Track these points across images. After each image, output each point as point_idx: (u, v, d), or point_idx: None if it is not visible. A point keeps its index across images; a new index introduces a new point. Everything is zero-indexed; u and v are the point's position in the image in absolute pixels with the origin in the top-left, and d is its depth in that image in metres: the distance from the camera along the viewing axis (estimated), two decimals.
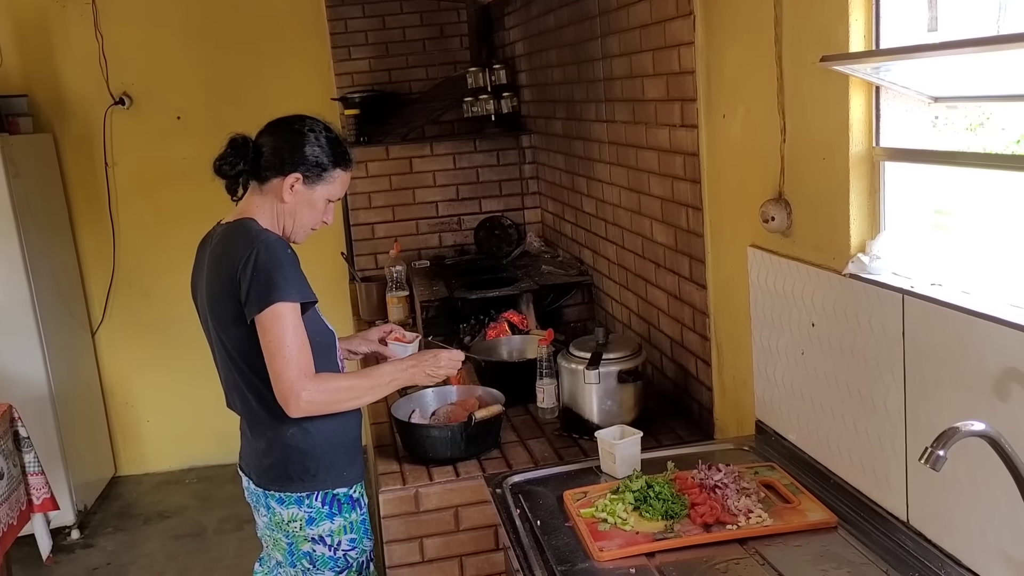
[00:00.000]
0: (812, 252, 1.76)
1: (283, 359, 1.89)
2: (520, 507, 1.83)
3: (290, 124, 2.04)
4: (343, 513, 2.07)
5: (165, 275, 4.64)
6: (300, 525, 2.06)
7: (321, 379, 1.94)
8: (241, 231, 1.99)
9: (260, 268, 1.89)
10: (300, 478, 2.04)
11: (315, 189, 2.02)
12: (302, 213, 2.04)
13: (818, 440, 1.81)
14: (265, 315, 1.89)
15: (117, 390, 4.77)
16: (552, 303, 3.34)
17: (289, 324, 1.89)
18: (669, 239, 2.49)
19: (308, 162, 2.00)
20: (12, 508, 2.80)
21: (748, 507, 1.68)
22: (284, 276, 1.90)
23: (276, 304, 1.88)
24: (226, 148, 2.03)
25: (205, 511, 4.33)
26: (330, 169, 2.03)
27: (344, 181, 2.08)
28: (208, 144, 4.88)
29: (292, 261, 1.95)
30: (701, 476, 1.78)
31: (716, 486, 1.74)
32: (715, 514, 1.67)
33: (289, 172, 1.99)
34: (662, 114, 2.43)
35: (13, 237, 3.91)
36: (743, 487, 1.74)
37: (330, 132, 2.06)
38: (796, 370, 1.86)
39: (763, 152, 1.91)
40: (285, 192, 2.00)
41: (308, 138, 2.01)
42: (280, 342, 1.89)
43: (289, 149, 2.00)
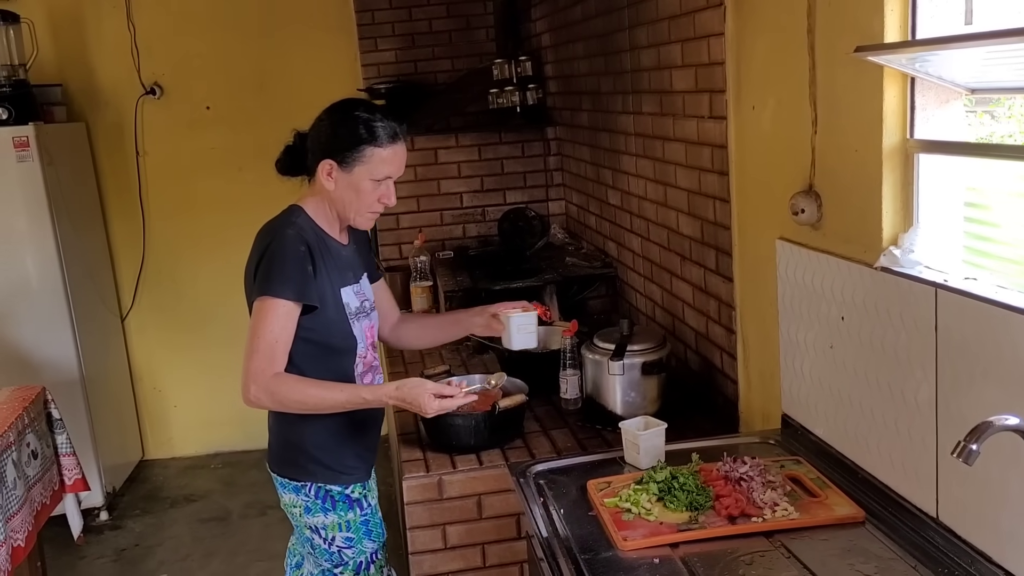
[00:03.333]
0: (843, 245, 1.75)
1: (248, 350, 1.91)
2: (543, 496, 1.83)
3: (327, 111, 2.04)
4: (337, 510, 2.08)
5: (193, 263, 4.69)
6: (300, 512, 2.10)
7: (278, 381, 1.91)
8: (277, 218, 2.05)
9: (265, 258, 1.94)
10: (292, 464, 2.08)
11: (352, 171, 1.99)
12: (349, 198, 2.01)
13: (846, 434, 1.80)
14: (255, 304, 1.93)
15: (146, 375, 4.83)
16: (576, 295, 3.34)
17: (267, 319, 1.91)
18: (695, 231, 2.48)
19: (336, 146, 1.98)
20: (45, 488, 2.85)
21: (774, 500, 1.68)
22: (283, 271, 1.92)
23: (265, 297, 1.91)
24: (284, 147, 2.09)
25: (230, 496, 4.38)
26: (361, 147, 1.97)
27: (384, 158, 1.99)
28: (236, 134, 4.94)
29: (299, 259, 1.95)
30: (726, 468, 1.78)
31: (741, 478, 1.73)
32: (740, 506, 1.66)
33: (323, 159, 1.99)
34: (690, 106, 2.42)
35: (47, 224, 3.96)
36: (768, 480, 1.74)
37: (359, 110, 2.00)
38: (824, 364, 1.84)
39: (793, 144, 1.89)
40: (324, 180, 2.00)
41: (335, 120, 2.00)
42: (253, 333, 1.91)
43: (317, 137, 2.02)
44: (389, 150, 2.01)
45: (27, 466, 2.70)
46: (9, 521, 2.47)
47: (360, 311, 2.10)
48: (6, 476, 2.52)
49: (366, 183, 2.01)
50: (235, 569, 3.68)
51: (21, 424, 2.69)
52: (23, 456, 2.67)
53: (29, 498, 2.67)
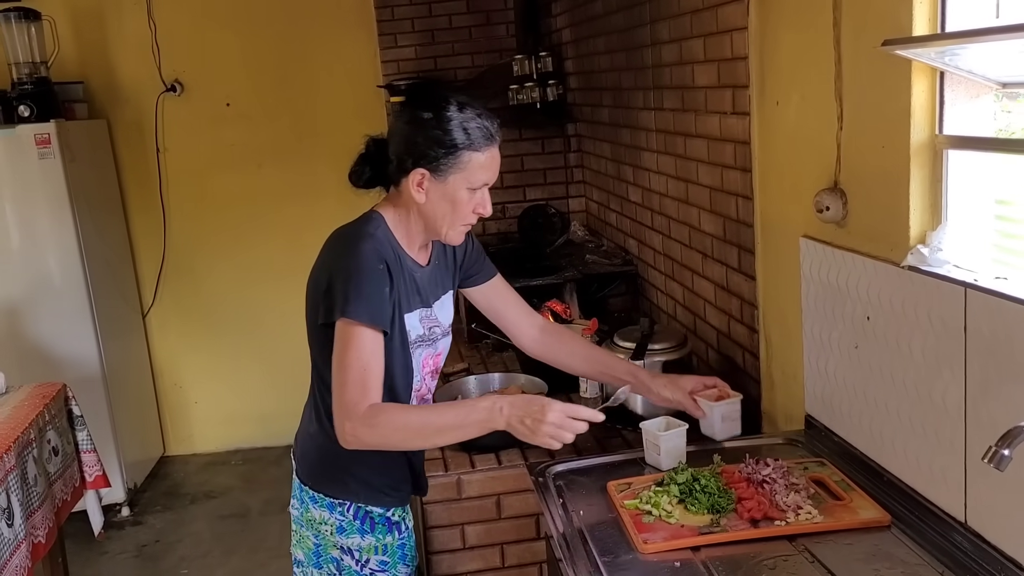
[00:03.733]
0: (868, 243, 1.72)
1: (337, 383, 1.69)
2: (562, 497, 1.81)
3: (411, 110, 1.77)
4: (375, 533, 1.92)
5: (213, 260, 4.71)
6: (331, 530, 1.92)
7: (377, 412, 1.68)
8: (353, 225, 1.82)
9: (341, 274, 1.71)
10: (331, 479, 1.90)
11: (447, 180, 1.73)
12: (443, 211, 1.76)
13: (871, 436, 1.77)
14: (339, 327, 1.70)
15: (166, 372, 4.85)
16: (596, 292, 3.32)
17: (354, 345, 1.68)
18: (717, 229, 2.45)
19: (428, 154, 1.71)
20: (66, 484, 2.86)
21: (797, 503, 1.64)
22: (361, 291, 1.69)
23: (348, 320, 1.68)
24: (358, 155, 1.85)
25: (250, 492, 4.39)
26: (457, 153, 1.71)
27: (483, 163, 1.74)
28: (256, 130, 4.94)
29: (378, 277, 1.71)
30: (748, 470, 1.75)
31: (764, 481, 1.70)
32: (763, 509, 1.63)
33: (411, 169, 1.73)
34: (712, 101, 2.38)
35: (68, 221, 3.99)
36: (792, 482, 1.70)
37: (463, 110, 1.72)
38: (849, 364, 1.81)
39: (818, 140, 1.86)
40: (414, 192, 1.75)
41: (423, 124, 1.71)
42: (340, 364, 1.69)
43: (405, 143, 1.74)
44: (487, 154, 1.76)
45: (48, 463, 2.71)
46: (30, 518, 2.49)
47: (422, 339, 1.87)
48: (27, 473, 2.53)
49: (462, 192, 1.75)
50: (254, 566, 3.69)
51: (42, 421, 2.70)
52: (44, 453, 2.69)
53: (50, 494, 2.68)
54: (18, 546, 2.35)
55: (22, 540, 2.38)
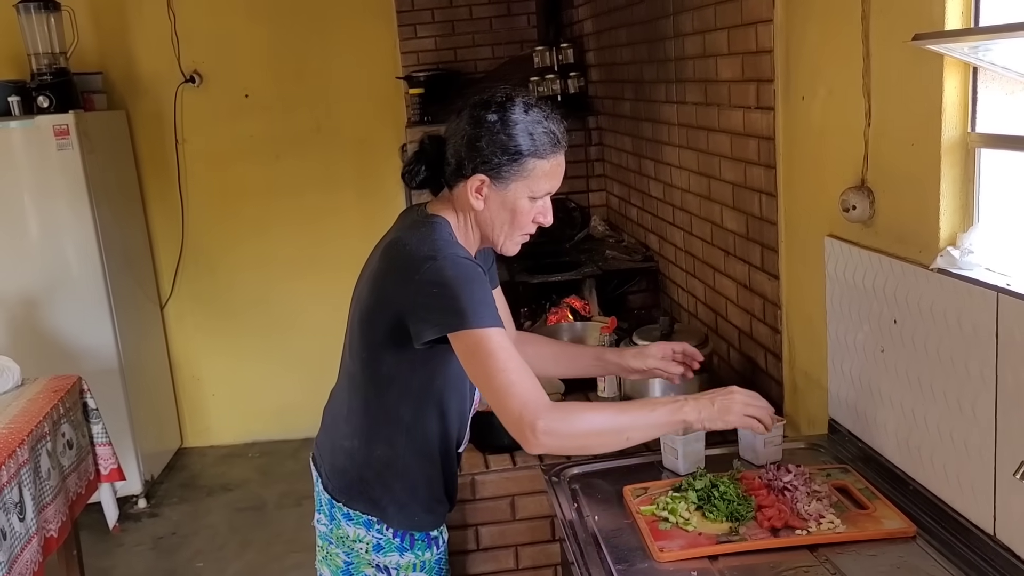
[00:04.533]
0: (896, 244, 1.66)
1: (500, 391, 1.53)
2: (578, 501, 1.77)
3: (472, 109, 1.66)
4: (415, 550, 1.83)
5: (231, 252, 4.70)
6: (366, 548, 1.81)
7: (567, 407, 1.61)
8: (428, 232, 1.65)
9: (443, 285, 1.56)
10: (367, 499, 1.79)
11: (508, 187, 1.64)
12: (501, 220, 1.67)
13: (897, 443, 1.71)
14: (462, 343, 1.56)
15: (184, 364, 4.85)
16: (616, 289, 3.27)
17: (497, 348, 1.54)
18: (740, 226, 2.39)
19: (490, 160, 1.62)
20: (81, 478, 2.85)
21: (819, 511, 1.59)
22: (472, 296, 1.56)
23: (474, 331, 1.55)
24: (413, 153, 1.75)
25: (266, 485, 4.38)
26: (521, 160, 1.61)
27: (547, 171, 1.65)
28: (275, 122, 4.92)
29: (481, 281, 1.60)
30: (769, 477, 1.70)
31: (785, 488, 1.65)
32: (784, 518, 1.58)
33: (471, 174, 1.63)
34: (736, 95, 2.32)
35: (87, 212, 3.98)
36: (814, 490, 1.65)
37: (528, 112, 1.64)
38: (875, 368, 1.75)
39: (845, 136, 1.80)
40: (472, 199, 1.65)
41: (487, 128, 1.62)
42: (495, 370, 1.53)
43: (466, 146, 1.63)
44: (552, 161, 1.66)
45: (62, 456, 2.70)
46: (42, 511, 2.48)
47: None
48: (40, 466, 2.52)
49: (523, 201, 1.66)
50: (270, 559, 3.68)
51: (56, 414, 2.69)
52: (58, 446, 2.68)
53: (64, 488, 2.67)
54: (29, 540, 2.34)
55: (34, 534, 2.37)
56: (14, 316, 4.02)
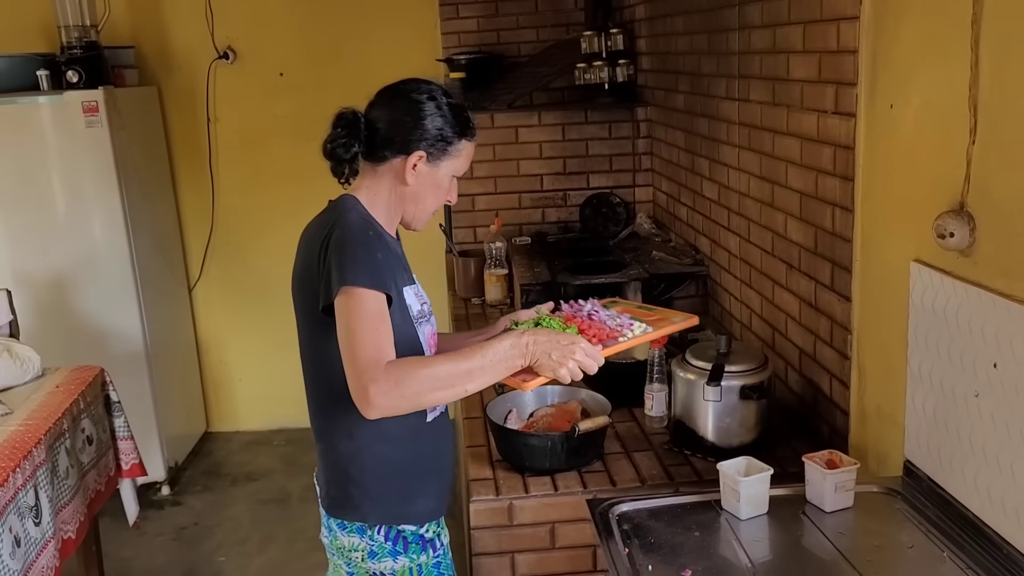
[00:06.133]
0: (1001, 280, 1.47)
1: (348, 353, 1.57)
2: (629, 544, 1.62)
3: (406, 93, 1.75)
4: (409, 553, 1.81)
5: (262, 235, 4.57)
6: (362, 556, 1.81)
7: (398, 367, 1.56)
8: (328, 210, 1.77)
9: (332, 249, 1.63)
10: (343, 504, 1.80)
11: (440, 166, 1.76)
12: (426, 195, 1.78)
13: (983, 495, 1.54)
14: (338, 301, 1.60)
15: (212, 347, 4.75)
16: (663, 293, 3.09)
17: (357, 310, 1.58)
18: (807, 239, 2.21)
19: (431, 136, 1.73)
20: (100, 474, 2.75)
21: (625, 324, 1.87)
22: (353, 257, 1.62)
23: (347, 288, 1.59)
24: (336, 127, 1.76)
25: (291, 476, 4.28)
26: (455, 142, 1.75)
27: (469, 153, 1.81)
28: (309, 103, 4.76)
29: (368, 243, 1.66)
30: (572, 311, 1.90)
31: (590, 314, 1.88)
32: (604, 333, 1.82)
33: (412, 150, 1.73)
34: (810, 97, 2.13)
35: (115, 190, 3.86)
36: (609, 313, 1.91)
37: (450, 96, 1.78)
38: (964, 412, 1.58)
39: (942, 153, 1.61)
40: (407, 173, 1.74)
41: (428, 108, 1.73)
42: (347, 330, 1.58)
43: (409, 123, 1.72)
44: (474, 143, 1.82)
45: (81, 453, 2.60)
46: (59, 513, 2.37)
47: (421, 315, 1.81)
48: (58, 466, 2.41)
49: (447, 180, 1.79)
50: (293, 557, 3.57)
51: (76, 409, 2.59)
52: (77, 443, 2.57)
53: (83, 486, 2.57)
54: (45, 545, 2.23)
55: (50, 539, 2.26)
56: (39, 296, 3.92)
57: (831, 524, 1.66)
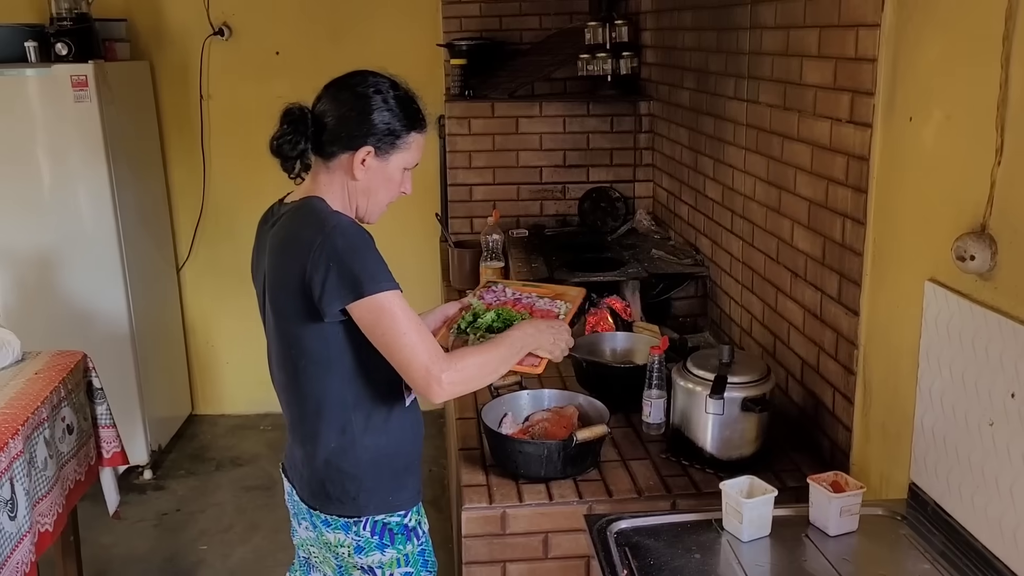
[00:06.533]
0: (1022, 307, 1.42)
1: (408, 347, 1.65)
2: (628, 566, 1.57)
3: (351, 87, 1.75)
4: (396, 544, 1.84)
5: (253, 216, 4.35)
6: (348, 551, 1.84)
7: (455, 357, 1.72)
8: (309, 213, 1.72)
9: (338, 257, 1.64)
10: (339, 499, 1.81)
11: (389, 160, 1.75)
12: (378, 189, 1.78)
13: (992, 526, 1.50)
14: (364, 309, 1.65)
15: (199, 329, 4.68)
16: (661, 293, 3.04)
17: (399, 311, 1.65)
18: (815, 249, 2.16)
19: (378, 131, 1.72)
20: (80, 464, 2.68)
21: (551, 304, 2.07)
22: (367, 264, 1.65)
23: (374, 296, 1.64)
24: (282, 124, 1.75)
25: (276, 463, 4.19)
26: (404, 135, 1.75)
27: (420, 145, 1.80)
28: (306, 84, 4.61)
29: (371, 245, 1.69)
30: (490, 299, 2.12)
31: (518, 299, 2.09)
32: (549, 314, 2.04)
33: (359, 146, 1.72)
34: (824, 104, 2.07)
35: (102, 166, 3.77)
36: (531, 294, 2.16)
37: (398, 89, 1.76)
38: (978, 441, 1.53)
39: (964, 172, 1.56)
40: (356, 169, 1.73)
41: (374, 101, 1.72)
42: (396, 331, 1.65)
43: (355, 118, 1.72)
44: (424, 135, 1.81)
45: (60, 442, 2.52)
46: (36, 506, 2.30)
47: None
48: (36, 457, 2.34)
49: (398, 173, 1.79)
50: (277, 547, 3.51)
51: (57, 397, 2.51)
52: (56, 432, 2.50)
53: (61, 477, 2.50)
54: (21, 540, 2.17)
55: (26, 532, 2.20)
56: (22, 275, 3.84)
57: (835, 549, 1.61)
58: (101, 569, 3.37)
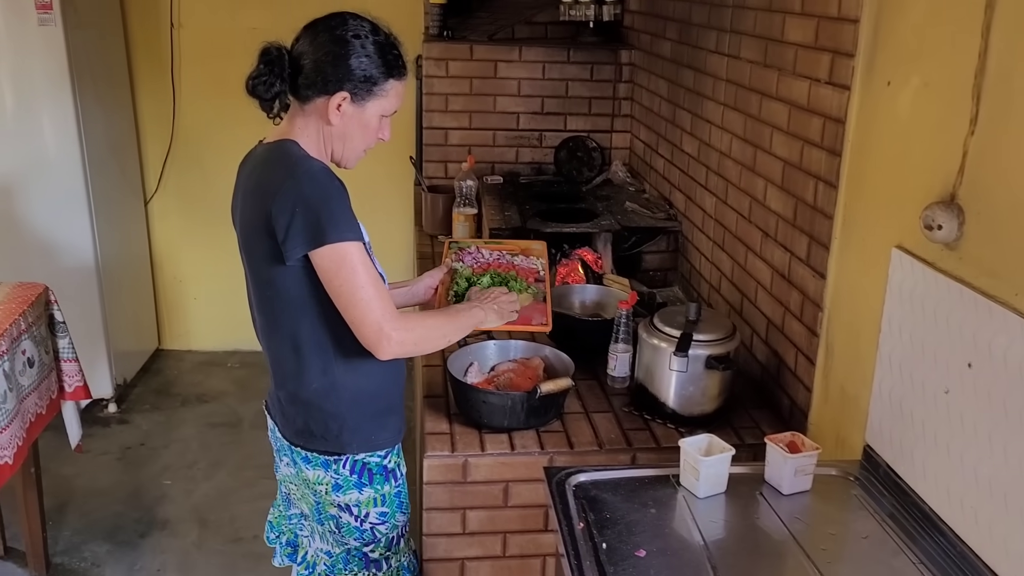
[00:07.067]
0: (985, 279, 1.43)
1: (363, 302, 1.67)
2: (585, 519, 1.59)
3: (330, 30, 1.70)
4: (374, 484, 1.88)
5: (224, 150, 4.33)
6: (326, 489, 1.88)
7: (408, 318, 1.76)
8: (280, 156, 1.71)
9: (304, 203, 1.63)
10: (323, 436, 1.84)
11: (366, 106, 1.73)
12: (353, 135, 1.76)
13: (941, 491, 1.53)
14: (325, 258, 1.65)
15: (167, 263, 4.62)
16: (633, 247, 3.03)
17: (359, 264, 1.67)
18: (786, 210, 2.15)
19: (355, 77, 1.69)
20: (42, 397, 2.66)
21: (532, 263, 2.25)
22: (332, 213, 1.65)
23: (336, 245, 1.64)
24: (259, 64, 1.72)
25: (243, 401, 4.22)
26: (381, 82, 1.72)
27: (399, 92, 1.77)
28: (282, 17, 4.47)
29: (340, 195, 1.68)
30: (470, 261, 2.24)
31: (499, 262, 2.25)
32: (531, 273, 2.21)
33: (334, 91, 1.69)
34: (804, 63, 2.05)
35: (67, 93, 3.66)
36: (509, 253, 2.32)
37: (378, 34, 1.73)
38: (933, 408, 1.55)
39: (937, 140, 1.55)
40: (331, 114, 1.71)
41: (353, 47, 1.69)
42: (353, 284, 1.66)
43: (332, 63, 1.68)
44: (404, 82, 1.78)
45: (21, 375, 2.50)
46: None
47: (369, 247, 1.83)
48: None
49: (375, 119, 1.76)
50: (241, 484, 3.53)
51: (16, 330, 2.48)
52: (16, 365, 2.47)
53: (21, 410, 2.48)
54: None
55: None
56: None
57: (788, 508, 1.65)
58: (63, 500, 3.37)
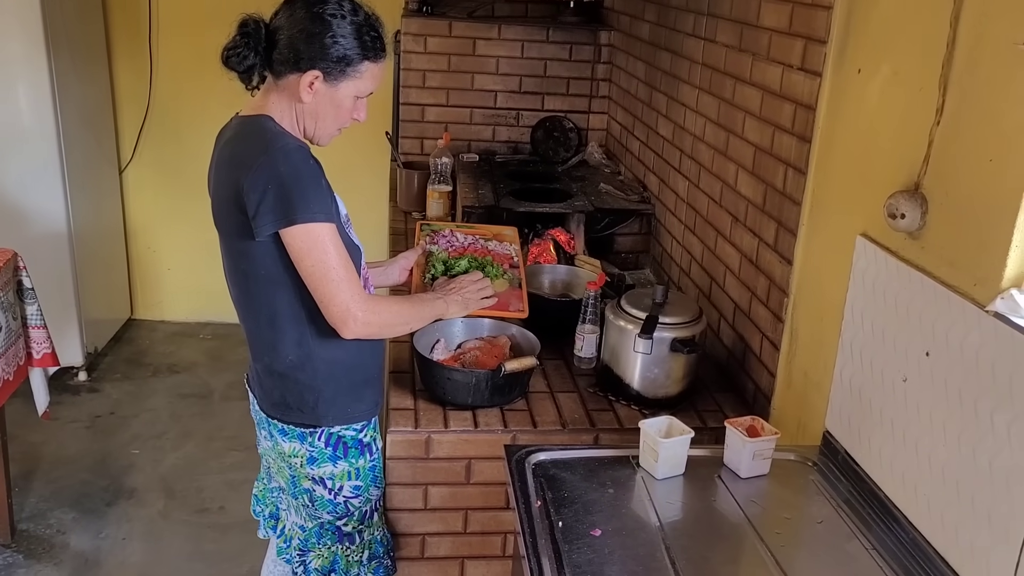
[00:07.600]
0: (946, 269, 1.44)
1: (332, 282, 1.68)
2: (543, 497, 1.60)
3: (309, 6, 1.68)
4: (348, 458, 1.88)
5: (200, 121, 4.33)
6: (301, 462, 1.88)
7: (374, 300, 1.76)
8: (257, 131, 1.71)
9: (278, 181, 1.63)
10: (299, 408, 1.85)
11: (339, 86, 1.71)
12: (325, 115, 1.75)
13: (897, 479, 1.55)
14: (296, 237, 1.65)
15: (140, 233, 4.58)
16: (606, 228, 3.03)
17: (330, 244, 1.67)
18: (756, 195, 2.16)
19: (329, 56, 1.67)
20: (9, 363, 2.63)
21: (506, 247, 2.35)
22: (305, 193, 1.64)
23: (306, 225, 1.64)
24: (235, 35, 1.71)
25: (215, 372, 4.20)
26: (356, 63, 1.70)
27: (375, 74, 1.75)
28: None
29: (315, 175, 1.67)
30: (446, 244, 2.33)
31: (472, 245, 2.32)
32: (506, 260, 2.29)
33: (306, 68, 1.67)
34: (777, 49, 2.05)
35: (42, 57, 3.61)
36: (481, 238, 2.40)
37: (357, 14, 1.71)
38: (891, 396, 1.57)
39: (904, 129, 1.56)
40: (303, 91, 1.69)
41: (329, 25, 1.67)
42: (324, 264, 1.67)
43: (305, 40, 1.66)
44: (380, 64, 1.76)
45: None
46: None
47: (347, 220, 1.86)
48: None
49: (348, 100, 1.74)
50: (209, 455, 3.53)
51: None
52: None
53: None
54: None
55: None
56: None
57: (744, 491, 1.66)
58: (30, 467, 3.35)
